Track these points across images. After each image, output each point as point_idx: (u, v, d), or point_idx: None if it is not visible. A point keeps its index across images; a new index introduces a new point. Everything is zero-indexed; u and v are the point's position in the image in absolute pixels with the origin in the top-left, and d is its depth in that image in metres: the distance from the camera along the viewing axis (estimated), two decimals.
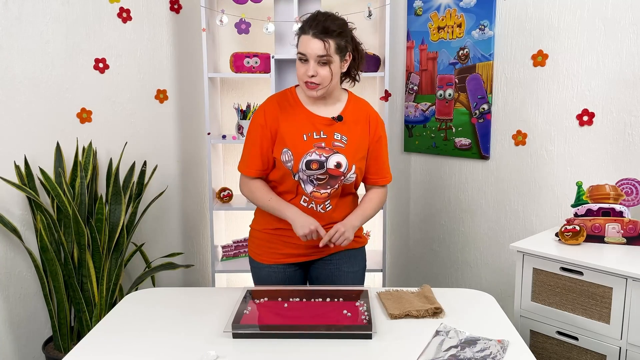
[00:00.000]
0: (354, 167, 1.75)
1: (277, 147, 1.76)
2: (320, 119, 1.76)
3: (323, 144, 1.73)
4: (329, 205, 1.78)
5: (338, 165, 1.72)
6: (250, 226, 1.94)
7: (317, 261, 1.88)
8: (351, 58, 1.75)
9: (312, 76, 1.67)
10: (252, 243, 1.92)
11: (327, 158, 1.72)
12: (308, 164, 1.71)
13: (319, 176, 1.73)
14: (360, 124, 1.80)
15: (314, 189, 1.75)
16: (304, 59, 1.68)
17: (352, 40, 1.74)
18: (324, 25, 1.65)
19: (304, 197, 1.77)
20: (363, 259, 1.94)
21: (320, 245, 1.72)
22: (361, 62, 1.79)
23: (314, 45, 1.64)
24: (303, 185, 1.75)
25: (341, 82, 1.83)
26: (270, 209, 1.79)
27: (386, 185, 1.91)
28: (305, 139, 1.74)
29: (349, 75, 1.82)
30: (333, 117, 1.76)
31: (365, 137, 1.80)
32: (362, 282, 1.92)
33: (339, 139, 1.75)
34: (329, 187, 1.75)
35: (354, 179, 1.77)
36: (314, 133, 1.74)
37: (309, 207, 1.78)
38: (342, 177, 1.75)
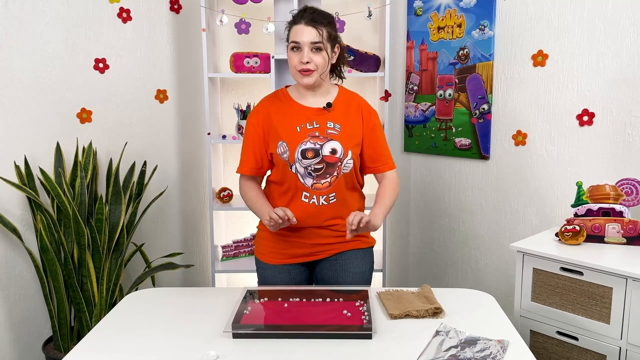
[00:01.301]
0: (349, 152, 1.76)
1: (272, 142, 1.79)
2: (311, 110, 1.80)
3: (317, 133, 1.76)
4: (333, 197, 1.78)
5: (333, 151, 1.74)
6: (257, 227, 1.96)
7: (323, 261, 1.88)
8: (339, 51, 1.80)
9: (307, 62, 1.71)
10: (258, 243, 1.92)
11: (321, 146, 1.74)
12: (303, 153, 1.73)
13: (315, 166, 1.74)
14: (351, 112, 1.82)
15: (314, 181, 1.76)
16: (297, 47, 1.72)
17: (337, 33, 1.81)
18: (314, 14, 1.72)
19: (304, 193, 1.77)
20: (370, 260, 1.92)
21: (348, 237, 1.67)
22: (343, 59, 1.86)
23: (308, 32, 1.70)
24: (302, 180, 1.76)
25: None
26: (255, 210, 1.82)
27: (394, 172, 1.88)
28: (298, 130, 1.77)
29: (334, 71, 1.86)
30: (323, 107, 1.80)
31: (358, 125, 1.81)
32: (368, 283, 1.91)
33: (332, 127, 1.78)
34: (328, 175, 1.76)
35: (351, 165, 1.78)
36: (307, 124, 1.77)
37: (311, 202, 1.78)
38: (339, 163, 1.76)
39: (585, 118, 2.28)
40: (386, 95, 2.66)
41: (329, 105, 1.80)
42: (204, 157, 2.99)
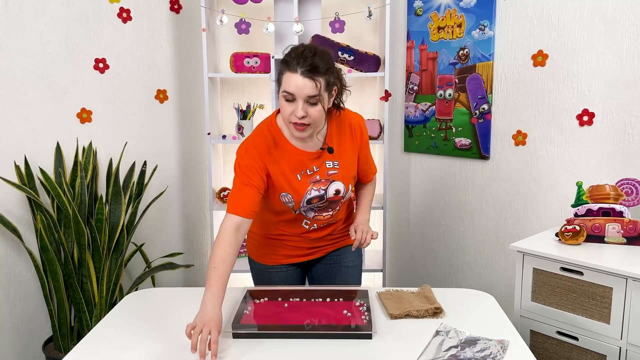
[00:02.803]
0: (350, 186, 1.77)
1: (272, 191, 1.69)
2: (309, 154, 1.69)
3: (318, 177, 1.70)
4: (333, 221, 1.84)
5: (337, 192, 1.74)
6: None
7: (317, 259, 1.90)
8: (337, 91, 1.64)
9: (303, 117, 1.55)
10: (252, 244, 1.92)
11: (325, 190, 1.72)
12: (309, 201, 1.72)
13: (319, 205, 1.75)
14: (346, 140, 1.75)
15: (316, 214, 1.77)
16: (290, 99, 1.54)
17: (336, 71, 1.61)
18: (312, 62, 1.51)
19: (305, 221, 1.79)
20: (360, 254, 1.97)
21: (353, 249, 1.79)
22: (343, 90, 1.67)
23: (304, 85, 1.51)
24: (305, 214, 1.77)
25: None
26: (208, 276, 1.57)
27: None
28: (299, 178, 1.69)
29: (333, 105, 1.69)
30: (321, 148, 1.70)
31: (354, 149, 1.77)
32: (360, 276, 1.95)
33: (331, 166, 1.72)
34: (330, 209, 1.78)
35: (351, 193, 1.82)
36: (307, 170, 1.69)
37: (311, 229, 1.81)
38: (342, 200, 1.78)
39: (585, 118, 2.28)
40: (386, 95, 2.66)
41: (330, 151, 1.70)
42: (204, 157, 2.99)
